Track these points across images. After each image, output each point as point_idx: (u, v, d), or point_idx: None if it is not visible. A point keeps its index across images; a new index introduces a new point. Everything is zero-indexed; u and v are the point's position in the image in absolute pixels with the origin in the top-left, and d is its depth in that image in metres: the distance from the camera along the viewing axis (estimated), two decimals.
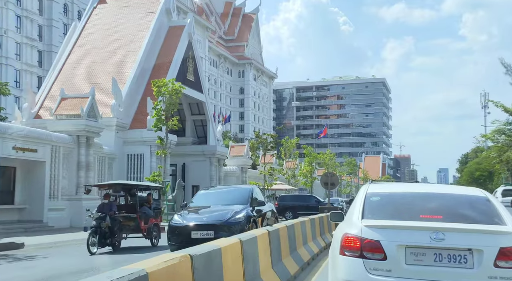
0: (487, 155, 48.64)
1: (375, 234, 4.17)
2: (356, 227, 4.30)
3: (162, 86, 25.31)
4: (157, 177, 24.85)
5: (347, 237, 4.27)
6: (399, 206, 4.68)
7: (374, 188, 5.04)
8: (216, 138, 37.25)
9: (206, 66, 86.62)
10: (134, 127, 28.98)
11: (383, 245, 4.11)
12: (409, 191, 5.07)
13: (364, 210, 4.55)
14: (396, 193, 5.01)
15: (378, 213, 4.51)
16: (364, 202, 4.68)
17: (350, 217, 4.62)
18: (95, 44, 31.84)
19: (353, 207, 4.80)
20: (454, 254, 4.06)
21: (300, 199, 33.86)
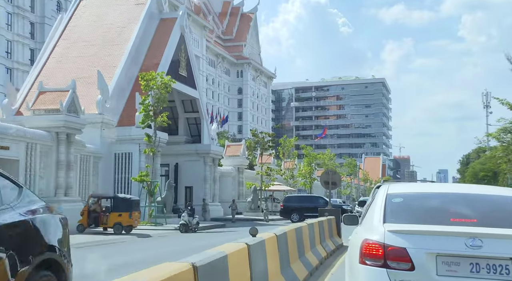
0: (492, 154, 47.30)
1: (401, 241, 3.74)
2: (378, 232, 3.86)
3: (151, 80, 23.67)
4: (145, 177, 23.15)
5: (368, 244, 3.83)
6: (426, 208, 4.24)
7: (394, 188, 4.58)
8: (211, 136, 35.55)
9: (204, 65, 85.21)
10: (122, 124, 27.26)
11: (410, 253, 3.70)
12: (434, 192, 4.61)
13: (386, 212, 4.09)
14: (421, 194, 4.54)
15: (402, 216, 4.08)
16: (385, 204, 4.20)
17: (370, 221, 4.19)
18: (81, 37, 30.16)
19: (371, 210, 4.34)
20: (494, 264, 3.65)
21: (306, 200, 32.27)
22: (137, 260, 10.87)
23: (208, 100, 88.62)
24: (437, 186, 5.03)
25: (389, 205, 4.21)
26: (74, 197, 21.36)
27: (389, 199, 4.30)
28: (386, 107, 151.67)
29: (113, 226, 19.02)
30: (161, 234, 20.23)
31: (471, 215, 4.06)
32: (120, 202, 19.24)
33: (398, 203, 4.26)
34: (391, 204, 4.23)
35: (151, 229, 21.54)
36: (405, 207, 4.25)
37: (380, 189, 4.70)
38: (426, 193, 4.57)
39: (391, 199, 4.30)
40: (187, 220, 21.46)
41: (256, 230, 5.44)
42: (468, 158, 76.49)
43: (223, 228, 24.73)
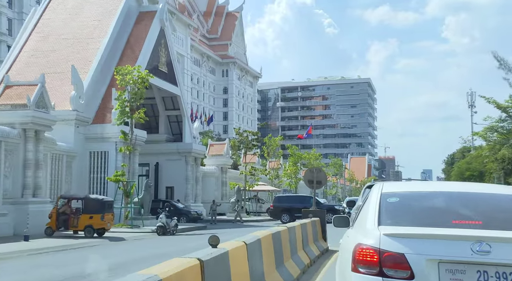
0: (478, 154, 47.07)
1: (398, 245, 3.39)
2: (373, 236, 3.52)
3: (127, 74, 22.42)
4: (120, 177, 21.91)
5: (361, 249, 3.48)
6: (425, 208, 3.88)
7: (389, 187, 4.24)
8: (193, 135, 34.35)
9: (189, 64, 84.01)
10: (98, 121, 25.95)
11: (409, 259, 3.34)
12: (433, 190, 4.24)
13: (381, 214, 3.77)
14: (418, 193, 4.18)
15: (399, 217, 3.76)
16: (379, 204, 3.86)
17: (363, 223, 3.86)
18: (55, 30, 28.74)
19: (365, 211, 4.02)
20: (504, 271, 3.24)
21: (297, 200, 31.25)
22: (94, 269, 9.73)
23: (193, 99, 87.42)
24: (435, 184, 4.64)
25: (384, 206, 3.84)
26: (43, 198, 20.03)
27: (384, 199, 3.93)
28: (372, 107, 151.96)
29: (84, 229, 17.77)
30: (137, 237, 19.04)
31: (475, 216, 3.68)
32: (92, 203, 17.99)
33: (394, 203, 3.89)
34: (386, 204, 3.87)
35: (126, 232, 20.33)
36: (401, 207, 3.88)
37: (373, 188, 4.32)
38: (424, 192, 4.17)
39: (386, 198, 3.93)
40: (165, 222, 20.29)
41: (217, 240, 4.38)
42: (453, 158, 76.50)
43: (203, 230, 23.60)
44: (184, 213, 28.86)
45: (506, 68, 33.71)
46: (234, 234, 18.68)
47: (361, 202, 10.29)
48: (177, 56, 77.85)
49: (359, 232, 3.82)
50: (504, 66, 34.01)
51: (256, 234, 5.60)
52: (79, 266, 10.54)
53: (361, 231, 3.77)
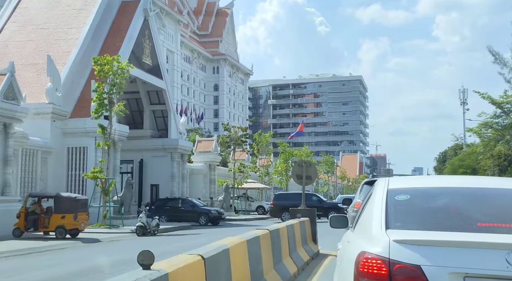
0: (472, 150, 46.35)
1: (412, 255, 2.72)
2: (380, 242, 2.83)
3: (105, 64, 21.03)
4: (98, 174, 20.52)
5: (366, 259, 2.81)
6: (442, 208, 3.21)
7: (396, 182, 3.59)
8: (179, 130, 32.99)
9: (179, 61, 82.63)
10: (76, 115, 24.51)
11: (426, 272, 2.67)
12: (448, 186, 3.53)
13: (389, 215, 3.09)
14: (432, 189, 3.45)
15: (411, 219, 3.11)
16: (386, 203, 3.21)
17: (366, 226, 3.17)
18: (32, 20, 27.24)
19: (368, 211, 3.36)
20: None
21: (299, 198, 29.84)
22: (48, 277, 8.41)
23: (183, 96, 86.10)
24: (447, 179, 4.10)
25: (392, 205, 3.22)
26: (12, 197, 18.61)
27: (391, 197, 3.32)
28: (363, 104, 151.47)
29: (55, 229, 16.39)
30: (113, 238, 17.70)
31: (505, 218, 3.07)
32: (64, 202, 16.60)
33: (404, 202, 3.28)
34: (395, 203, 3.25)
35: (103, 233, 18.98)
36: (413, 207, 3.26)
37: (376, 184, 3.73)
38: (439, 188, 3.50)
39: (394, 196, 3.33)
40: (145, 222, 18.97)
41: (150, 258, 3.03)
42: (444, 156, 76.05)
43: (187, 230, 22.30)
44: (204, 213, 26.89)
45: (501, 63, 32.83)
46: (204, 238, 17.44)
47: (359, 199, 9.19)
48: (166, 53, 77.40)
49: (363, 237, 3.23)
50: (499, 61, 33.14)
51: (222, 243, 4.35)
52: (35, 273, 9.22)
53: (365, 236, 3.18)
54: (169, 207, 27.71)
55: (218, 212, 27.46)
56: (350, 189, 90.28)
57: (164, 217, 26.96)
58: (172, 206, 27.71)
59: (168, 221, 26.84)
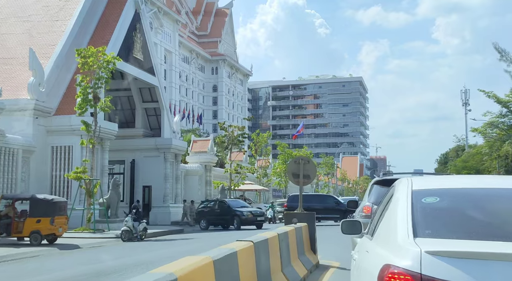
0: (477, 151, 45.20)
1: (450, 270, 2.27)
2: (409, 254, 2.37)
3: (90, 56, 19.62)
4: (81, 174, 19.09)
5: (393, 274, 2.35)
6: (480, 213, 2.75)
7: (422, 183, 3.16)
8: (172, 129, 31.55)
9: (177, 61, 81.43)
10: (61, 112, 23.11)
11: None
12: (484, 187, 3.05)
13: (416, 220, 2.65)
14: (464, 190, 2.98)
15: (443, 226, 2.66)
16: (412, 207, 2.77)
17: (390, 234, 2.73)
18: (15, 12, 25.87)
19: (389, 215, 2.91)
20: None
21: (314, 199, 28.29)
22: None
23: (181, 97, 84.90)
24: (478, 179, 3.45)
25: (419, 209, 2.72)
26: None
27: (417, 199, 2.80)
28: (364, 106, 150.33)
29: (30, 235, 14.95)
30: (95, 244, 16.24)
31: None
32: (39, 204, 15.15)
33: (433, 205, 2.77)
34: (423, 206, 2.75)
35: (86, 238, 17.53)
36: (444, 210, 2.74)
37: (397, 184, 3.17)
38: (472, 189, 2.94)
39: (421, 198, 2.81)
40: (131, 226, 17.54)
41: None
42: (446, 157, 74.93)
43: (177, 235, 20.84)
44: (236, 214, 24.19)
45: (508, 60, 31.60)
46: (192, 245, 16.02)
47: (368, 202, 7.85)
48: (165, 53, 76.15)
49: (386, 246, 2.72)
50: (505, 58, 31.90)
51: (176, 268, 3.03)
52: None
53: (389, 246, 2.66)
54: (207, 210, 25.99)
55: (252, 213, 24.44)
56: (350, 191, 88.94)
57: (203, 222, 25.33)
58: (210, 209, 25.92)
59: (206, 226, 25.08)
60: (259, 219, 24.20)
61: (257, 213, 24.58)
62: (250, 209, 25.13)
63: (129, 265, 10.34)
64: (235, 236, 16.00)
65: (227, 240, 7.17)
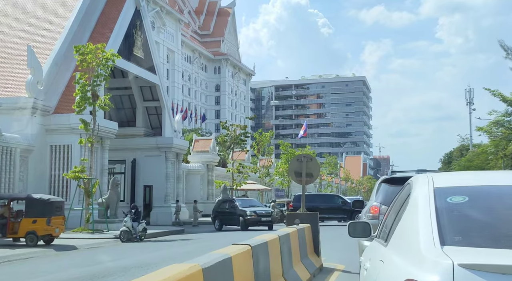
0: (482, 150, 44.68)
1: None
2: (437, 267, 1.90)
3: (88, 53, 19.25)
4: (79, 174, 18.72)
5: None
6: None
7: (445, 179, 2.69)
8: (174, 128, 31.16)
9: (180, 61, 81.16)
10: (60, 111, 22.74)
11: None
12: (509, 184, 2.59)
13: (442, 224, 2.19)
14: (497, 188, 2.52)
15: (476, 231, 2.23)
16: (436, 208, 2.30)
17: (410, 240, 2.27)
18: (14, 9, 25.54)
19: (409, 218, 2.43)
20: None
21: (321, 199, 28.00)
22: None
23: (184, 97, 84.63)
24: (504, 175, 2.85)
25: (444, 210, 2.27)
26: None
27: (441, 199, 2.34)
28: (367, 105, 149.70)
29: (25, 235, 14.58)
30: (93, 245, 15.87)
31: None
32: (35, 204, 14.78)
33: (461, 206, 2.32)
34: (449, 207, 2.30)
35: (84, 238, 17.17)
36: (475, 212, 2.29)
37: (415, 181, 2.71)
38: (506, 187, 2.47)
39: (445, 198, 2.36)
40: (130, 226, 17.16)
41: None
42: (450, 157, 74.38)
43: (177, 236, 20.44)
44: (241, 214, 22.98)
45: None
46: (190, 246, 15.63)
47: (376, 202, 7.40)
48: (167, 52, 75.84)
49: (406, 256, 2.19)
50: (511, 56, 31.44)
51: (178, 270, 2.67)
52: None
53: (410, 255, 2.14)
54: (220, 210, 25.11)
55: (256, 213, 22.92)
56: (353, 190, 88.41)
57: (217, 222, 24.46)
58: (223, 209, 25.01)
59: (220, 226, 24.12)
60: (264, 220, 22.86)
61: (262, 213, 23.15)
62: (256, 209, 23.63)
63: (124, 267, 9.95)
64: (240, 237, 15.59)
65: (229, 241, 6.77)
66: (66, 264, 11.62)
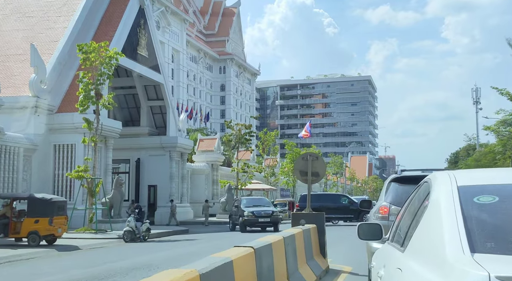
0: (490, 150, 44.21)
1: None
2: (467, 277, 1.61)
3: (91, 52, 19.08)
4: (83, 173, 18.55)
5: None
6: None
7: (469, 177, 2.39)
8: (178, 127, 30.98)
9: (185, 60, 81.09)
10: (64, 110, 22.60)
11: None
12: None
13: (471, 228, 1.91)
14: None
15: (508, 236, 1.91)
16: (462, 210, 2.02)
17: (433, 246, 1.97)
18: (18, 8, 25.44)
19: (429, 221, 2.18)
20: None
21: (327, 199, 27.61)
22: None
23: (189, 96, 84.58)
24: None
25: (473, 212, 1.99)
26: None
27: (467, 199, 2.07)
28: (372, 105, 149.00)
29: (28, 235, 14.41)
30: (96, 245, 15.69)
31: None
32: (37, 204, 14.61)
33: (491, 207, 2.05)
34: (477, 208, 2.02)
35: (87, 238, 16.99)
36: (508, 215, 2.00)
37: (433, 180, 2.42)
38: None
39: (472, 197, 2.08)
40: (133, 226, 16.97)
41: None
42: (456, 156, 73.80)
43: (182, 236, 20.23)
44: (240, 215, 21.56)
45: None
46: (194, 246, 15.40)
47: (385, 202, 7.13)
48: (172, 52, 75.74)
49: (429, 265, 1.88)
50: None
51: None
52: None
53: (434, 264, 1.84)
54: (233, 211, 24.30)
55: (254, 213, 21.24)
56: (359, 190, 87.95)
57: (230, 222, 23.82)
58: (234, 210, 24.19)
59: (233, 226, 23.07)
60: (262, 221, 21.21)
61: (260, 214, 21.34)
62: (256, 209, 21.87)
63: (126, 269, 9.74)
64: (247, 238, 15.36)
65: (235, 242, 6.53)
66: (68, 265, 11.43)
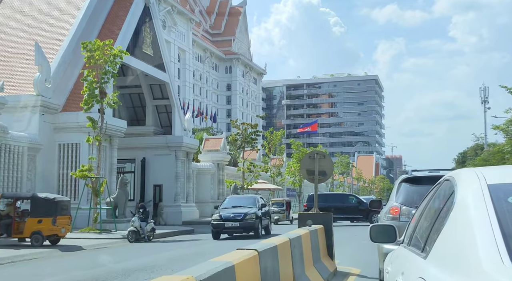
0: (499, 149, 43.63)
1: None
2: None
3: (96, 50, 18.91)
4: (87, 173, 18.38)
5: None
6: None
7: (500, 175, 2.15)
8: (183, 127, 30.78)
9: (191, 60, 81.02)
10: (69, 109, 22.47)
11: None
12: None
13: (508, 234, 1.68)
14: None
15: None
16: (496, 211, 1.79)
17: (463, 253, 1.72)
18: (23, 6, 25.34)
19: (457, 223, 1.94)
20: None
21: (335, 199, 27.21)
22: None
23: (195, 96, 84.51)
24: None
25: (508, 214, 1.75)
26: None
27: (499, 199, 1.84)
28: (379, 104, 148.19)
29: (31, 236, 14.25)
30: (100, 245, 15.51)
31: None
32: (41, 204, 14.43)
33: None
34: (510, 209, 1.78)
35: (91, 238, 16.81)
36: None
37: (457, 178, 2.18)
38: None
39: (506, 198, 1.84)
40: (138, 226, 16.77)
41: None
42: (464, 156, 73.13)
43: (187, 236, 20.03)
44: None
45: None
46: (199, 247, 15.14)
47: (396, 202, 6.86)
48: (178, 51, 75.66)
49: (460, 274, 1.64)
50: None
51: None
52: None
53: (467, 274, 1.60)
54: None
55: (222, 217, 17.28)
56: (366, 190, 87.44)
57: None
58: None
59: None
60: (228, 226, 17.10)
61: (229, 217, 17.18)
62: (229, 211, 17.88)
63: (128, 270, 9.52)
64: (251, 240, 15.09)
65: (239, 243, 6.27)
66: (70, 265, 11.24)
